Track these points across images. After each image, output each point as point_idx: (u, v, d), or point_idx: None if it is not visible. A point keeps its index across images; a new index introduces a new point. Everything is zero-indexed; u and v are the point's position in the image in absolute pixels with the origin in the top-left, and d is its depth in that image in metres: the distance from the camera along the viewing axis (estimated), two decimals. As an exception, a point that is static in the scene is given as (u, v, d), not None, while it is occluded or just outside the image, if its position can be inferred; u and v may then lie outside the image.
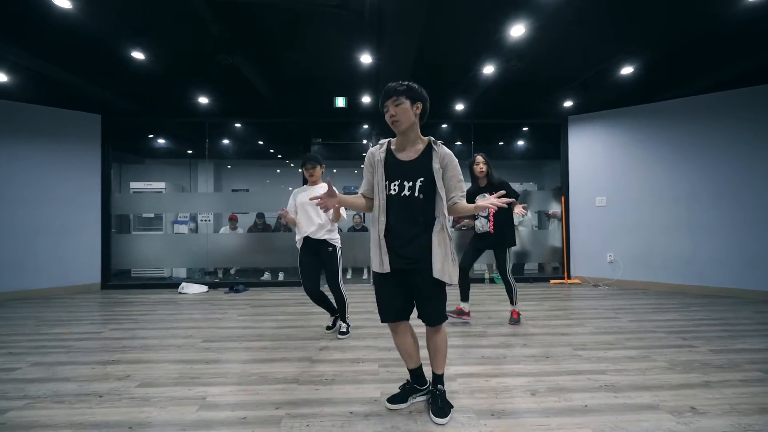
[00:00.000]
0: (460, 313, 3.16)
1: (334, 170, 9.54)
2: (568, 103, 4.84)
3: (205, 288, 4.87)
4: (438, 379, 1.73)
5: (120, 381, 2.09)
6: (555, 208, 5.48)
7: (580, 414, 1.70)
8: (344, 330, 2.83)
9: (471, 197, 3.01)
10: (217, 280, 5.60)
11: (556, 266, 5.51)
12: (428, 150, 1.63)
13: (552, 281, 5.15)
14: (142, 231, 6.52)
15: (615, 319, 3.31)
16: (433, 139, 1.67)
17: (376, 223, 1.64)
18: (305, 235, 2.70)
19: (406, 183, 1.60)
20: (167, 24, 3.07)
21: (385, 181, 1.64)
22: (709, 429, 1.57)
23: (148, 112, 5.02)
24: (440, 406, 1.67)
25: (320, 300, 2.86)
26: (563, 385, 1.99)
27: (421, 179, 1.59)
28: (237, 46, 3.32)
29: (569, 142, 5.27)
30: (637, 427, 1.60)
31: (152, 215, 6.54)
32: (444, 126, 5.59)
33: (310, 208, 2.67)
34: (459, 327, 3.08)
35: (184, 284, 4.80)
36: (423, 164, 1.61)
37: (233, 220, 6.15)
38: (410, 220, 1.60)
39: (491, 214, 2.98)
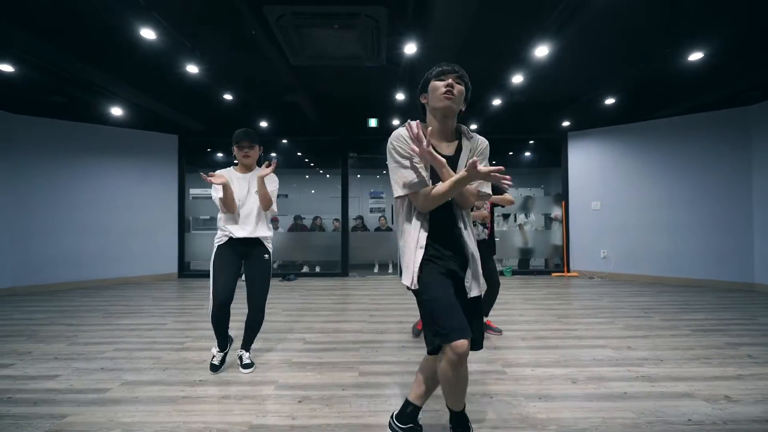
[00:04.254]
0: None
1: (358, 176, 10.60)
2: (566, 123, 5.70)
3: (261, 277, 5.90)
4: (463, 418, 1.47)
5: (242, 330, 3.10)
6: (557, 211, 6.33)
7: (552, 349, 2.61)
8: (249, 362, 2.27)
9: None
10: (267, 272, 6.64)
11: (558, 263, 6.34)
12: (459, 143, 1.45)
13: (554, 274, 6.00)
14: (199, 231, 7.64)
15: (597, 300, 4.18)
16: (463, 127, 1.47)
17: (416, 228, 1.38)
18: (247, 235, 2.20)
19: None
20: (255, 77, 4.11)
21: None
22: (634, 357, 2.47)
23: (216, 133, 6.10)
24: None
25: (225, 320, 2.27)
26: (544, 335, 2.90)
27: None
28: (301, 89, 4.32)
29: (569, 155, 6.11)
30: (588, 355, 2.50)
31: (208, 217, 7.68)
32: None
33: (252, 199, 2.23)
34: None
35: (245, 274, 5.85)
36: (456, 161, 1.42)
37: (275, 221, 7.21)
38: (453, 222, 1.41)
39: (489, 222, 2.91)
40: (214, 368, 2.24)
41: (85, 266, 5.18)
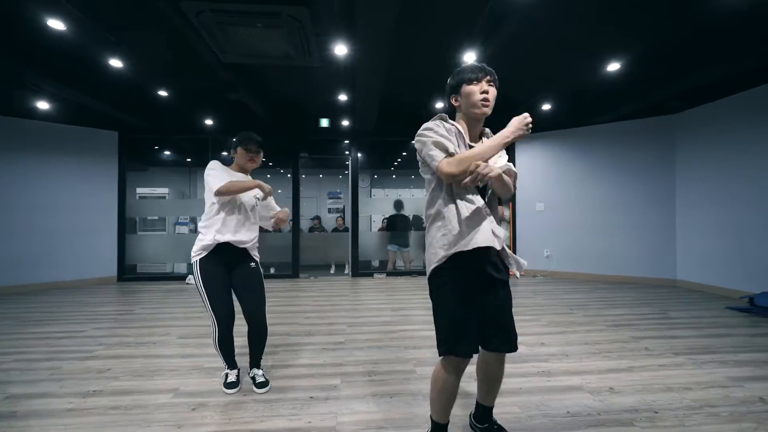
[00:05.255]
0: None
1: (320, 175, 10.48)
2: (511, 127, 5.88)
3: (208, 280, 5.72)
4: (490, 411, 1.57)
5: (165, 336, 2.99)
6: (505, 212, 6.52)
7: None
8: (264, 380, 2.06)
9: None
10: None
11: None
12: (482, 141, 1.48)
13: (501, 273, 6.17)
14: (146, 232, 7.31)
15: (531, 298, 4.34)
16: (486, 130, 1.51)
17: (454, 208, 1.34)
18: (231, 240, 1.99)
19: None
20: (190, 74, 3.98)
21: None
22: (543, 353, 2.57)
23: (160, 130, 5.86)
24: None
25: (232, 340, 2.08)
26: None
27: None
28: (241, 85, 4.22)
29: (515, 157, 6.31)
30: (501, 352, 2.59)
31: (156, 218, 7.36)
32: (413, 141, 6.58)
33: (245, 207, 2.07)
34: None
35: (190, 276, 5.66)
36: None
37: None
38: (483, 217, 1.36)
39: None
40: (234, 386, 2.03)
41: (12, 270, 4.83)
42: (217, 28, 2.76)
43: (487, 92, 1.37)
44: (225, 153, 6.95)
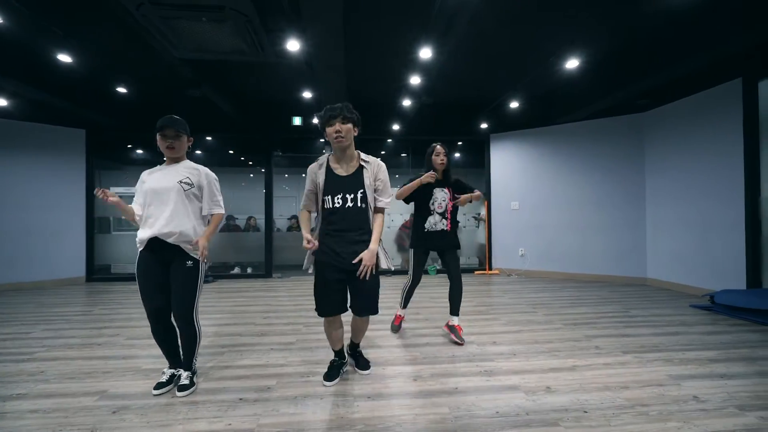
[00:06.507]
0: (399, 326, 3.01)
1: (303, 174, 10.40)
2: (484, 125, 5.87)
3: (179, 280, 5.62)
4: (357, 346, 2.29)
5: (113, 337, 2.92)
6: (483, 211, 6.51)
7: (419, 347, 2.65)
8: (186, 382, 1.98)
9: (424, 188, 2.70)
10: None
11: (482, 260, 6.52)
12: (360, 167, 1.92)
13: (476, 272, 6.16)
14: (122, 231, 7.18)
15: (499, 297, 4.32)
16: (362, 155, 1.95)
17: (317, 230, 1.98)
18: (154, 234, 1.90)
19: (348, 196, 1.88)
20: (144, 68, 3.90)
21: (327, 195, 1.89)
22: (492, 352, 2.55)
23: (128, 128, 5.76)
24: (363, 363, 2.24)
25: (168, 335, 2.04)
26: (422, 333, 2.94)
27: (361, 191, 1.90)
28: (204, 82, 4.16)
29: (491, 156, 6.30)
30: (449, 352, 2.56)
31: (131, 217, 7.23)
32: (389, 141, 6.55)
33: (166, 196, 1.94)
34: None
35: (160, 276, 5.57)
36: (358, 179, 1.90)
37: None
38: (353, 227, 1.90)
39: (449, 211, 2.77)
40: (158, 386, 1.99)
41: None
42: (161, 21, 2.69)
43: (339, 130, 1.81)
44: (198, 152, 6.87)
